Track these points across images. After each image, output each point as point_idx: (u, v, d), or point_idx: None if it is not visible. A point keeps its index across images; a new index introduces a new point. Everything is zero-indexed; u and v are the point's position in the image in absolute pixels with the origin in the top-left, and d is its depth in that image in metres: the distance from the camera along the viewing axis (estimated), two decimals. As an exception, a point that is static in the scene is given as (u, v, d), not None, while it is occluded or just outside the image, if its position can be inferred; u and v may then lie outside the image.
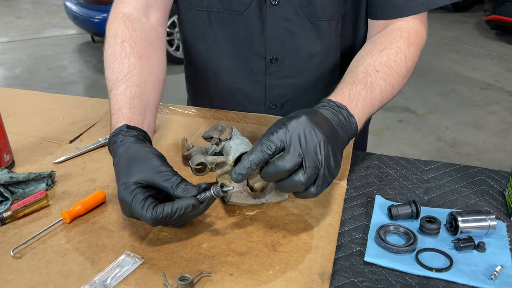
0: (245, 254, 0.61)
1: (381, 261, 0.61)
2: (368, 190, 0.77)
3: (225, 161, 0.73)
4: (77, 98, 1.10)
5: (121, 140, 0.67)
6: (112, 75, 0.77)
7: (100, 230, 0.66)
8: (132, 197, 0.59)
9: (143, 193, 0.60)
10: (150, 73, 0.79)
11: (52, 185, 0.76)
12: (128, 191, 0.60)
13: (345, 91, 0.71)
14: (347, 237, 0.66)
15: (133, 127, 0.69)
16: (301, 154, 0.58)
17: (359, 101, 0.70)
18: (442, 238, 0.65)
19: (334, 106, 0.68)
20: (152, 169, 0.61)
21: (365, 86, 0.72)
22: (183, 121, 0.99)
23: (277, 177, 0.60)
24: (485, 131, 3.23)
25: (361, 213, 0.71)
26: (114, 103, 0.73)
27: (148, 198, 0.60)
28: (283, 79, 0.97)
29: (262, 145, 0.59)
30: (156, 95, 0.80)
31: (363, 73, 0.74)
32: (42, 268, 0.60)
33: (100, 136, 0.92)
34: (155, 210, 0.58)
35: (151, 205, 0.59)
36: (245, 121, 0.98)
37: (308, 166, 0.58)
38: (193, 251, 0.62)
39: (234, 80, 1.00)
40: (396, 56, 0.77)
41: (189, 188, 0.60)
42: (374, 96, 0.73)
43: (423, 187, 0.77)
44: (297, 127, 0.60)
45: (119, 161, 0.65)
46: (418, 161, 0.84)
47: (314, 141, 0.59)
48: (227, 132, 0.78)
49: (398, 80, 0.77)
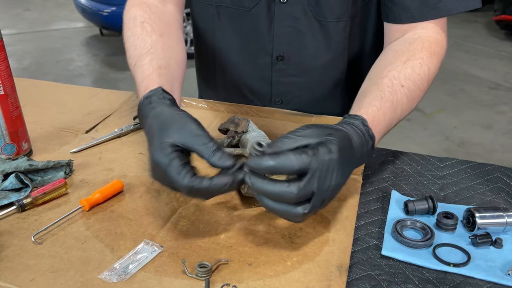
0: (262, 245, 0.62)
1: (398, 255, 0.61)
2: (384, 185, 0.77)
3: (242, 153, 0.74)
4: (92, 89, 1.11)
5: (156, 101, 0.65)
6: (135, 51, 0.76)
7: (118, 218, 0.67)
8: (168, 160, 0.56)
9: (180, 158, 0.57)
10: (173, 50, 0.79)
11: (70, 174, 0.77)
12: (164, 153, 0.57)
13: (375, 110, 0.68)
14: (363, 231, 0.66)
15: (167, 92, 0.68)
16: (315, 191, 0.55)
17: (384, 125, 0.69)
18: (458, 234, 0.65)
19: (366, 135, 0.64)
20: (189, 132, 0.59)
21: (391, 106, 0.70)
22: (197, 114, 0.99)
23: (277, 199, 0.55)
24: (493, 131, 3.22)
25: (377, 207, 0.71)
26: (141, 72, 0.72)
27: (186, 164, 0.57)
28: (289, 77, 0.97)
29: (287, 159, 0.54)
30: (180, 72, 0.79)
31: (389, 87, 0.72)
32: (62, 253, 0.60)
33: (116, 127, 0.92)
34: (193, 179, 0.56)
35: (189, 172, 0.56)
36: (259, 115, 0.99)
37: (313, 204, 0.55)
38: (211, 241, 0.63)
39: (241, 75, 1.00)
40: (420, 69, 0.75)
41: (225, 157, 0.57)
42: (395, 116, 0.72)
43: (438, 183, 0.77)
44: (326, 162, 0.55)
45: (154, 122, 0.62)
46: (433, 158, 0.84)
47: (330, 184, 0.56)
48: (243, 125, 0.78)
49: (419, 96, 0.76)
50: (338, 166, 0.57)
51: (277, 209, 0.56)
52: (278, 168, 0.54)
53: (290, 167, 0.54)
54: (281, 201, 0.56)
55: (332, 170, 0.56)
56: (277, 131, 0.92)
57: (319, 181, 0.55)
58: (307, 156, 0.54)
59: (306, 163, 0.54)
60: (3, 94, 0.75)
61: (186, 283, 0.56)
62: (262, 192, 0.56)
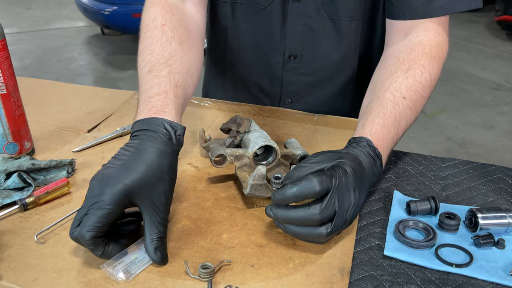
0: (265, 246, 0.62)
1: (401, 256, 0.61)
2: (386, 186, 0.77)
3: (244, 153, 0.74)
4: (93, 89, 1.11)
5: (170, 139, 0.61)
6: (152, 57, 0.71)
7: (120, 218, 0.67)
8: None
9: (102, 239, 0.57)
10: (191, 63, 0.75)
11: (72, 173, 0.77)
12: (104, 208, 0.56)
13: (378, 129, 0.69)
14: (365, 231, 0.66)
15: (179, 125, 0.64)
16: (336, 210, 0.58)
17: (389, 141, 0.70)
18: (461, 234, 0.65)
19: (373, 155, 0.67)
20: (156, 202, 0.57)
21: (394, 121, 0.71)
22: (200, 113, 0.99)
23: (301, 223, 0.58)
24: (494, 132, 3.22)
25: (379, 207, 0.71)
26: (158, 83, 0.67)
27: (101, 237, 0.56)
28: (300, 76, 0.97)
29: (309, 182, 0.57)
30: (193, 88, 0.75)
31: (391, 101, 0.72)
32: (65, 253, 0.60)
33: (118, 126, 0.92)
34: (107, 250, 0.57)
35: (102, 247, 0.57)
36: (261, 114, 0.99)
37: (336, 224, 0.58)
38: (213, 241, 0.63)
39: (251, 73, 1.00)
40: (421, 77, 0.75)
41: (161, 254, 0.57)
42: (400, 129, 0.73)
43: (440, 183, 0.77)
44: (344, 182, 0.58)
45: (129, 150, 0.60)
46: (435, 158, 0.84)
47: (350, 202, 0.59)
48: (245, 125, 0.78)
49: (422, 104, 0.76)
50: (354, 185, 0.60)
51: (300, 232, 0.59)
52: (302, 192, 0.57)
53: (313, 189, 0.57)
54: (305, 225, 0.58)
55: (350, 189, 0.59)
56: (279, 130, 0.92)
57: (339, 200, 0.58)
58: (327, 177, 0.58)
59: (327, 183, 0.57)
60: (6, 93, 0.75)
61: (189, 284, 0.56)
62: (286, 220, 0.59)
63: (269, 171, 0.76)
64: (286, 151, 0.77)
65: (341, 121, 0.95)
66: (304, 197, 0.57)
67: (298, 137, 0.90)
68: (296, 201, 0.58)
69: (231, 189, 0.74)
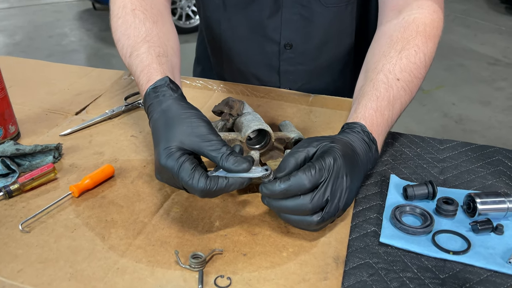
0: (257, 234, 0.60)
1: (397, 243, 0.59)
2: (382, 169, 0.75)
3: (236, 137, 0.71)
4: (82, 68, 1.07)
5: (163, 94, 0.62)
6: (129, 40, 0.71)
7: (109, 205, 0.65)
8: (179, 165, 0.54)
9: (190, 162, 0.55)
10: (168, 38, 0.75)
11: (59, 158, 0.74)
12: (174, 158, 0.55)
13: (372, 113, 0.67)
14: (361, 217, 0.65)
15: (174, 82, 0.65)
16: (328, 199, 0.56)
17: (383, 125, 0.68)
18: (459, 220, 0.64)
19: (368, 141, 0.64)
20: (199, 136, 0.56)
21: (388, 104, 0.69)
22: (191, 93, 0.96)
23: (294, 213, 0.57)
24: (491, 108, 3.20)
25: (375, 192, 0.70)
26: (140, 61, 0.68)
27: (197, 167, 0.55)
28: (297, 66, 0.94)
29: (298, 179, 0.55)
30: (177, 60, 0.76)
31: (385, 83, 0.70)
32: (51, 243, 0.58)
33: (107, 108, 0.90)
34: (209, 181, 0.54)
35: (203, 176, 0.54)
36: (255, 94, 0.96)
37: (327, 212, 0.56)
38: (205, 229, 0.61)
39: (248, 65, 0.97)
40: (415, 57, 0.72)
41: (240, 161, 0.55)
42: (394, 113, 0.70)
43: (438, 166, 0.75)
44: (335, 170, 0.56)
45: (160, 119, 0.59)
46: (433, 140, 0.82)
47: (342, 188, 0.57)
48: (238, 107, 0.75)
49: (417, 85, 0.74)
50: (346, 171, 0.58)
51: (292, 219, 0.58)
52: (291, 190, 0.55)
53: (303, 186, 0.55)
54: (299, 214, 0.57)
55: (341, 176, 0.57)
56: (273, 112, 0.90)
57: (331, 189, 0.56)
58: (316, 172, 0.55)
59: (317, 178, 0.55)
60: (-13, 76, 0.72)
61: (179, 274, 0.54)
62: (279, 210, 0.57)
63: (263, 155, 0.74)
64: (280, 134, 0.75)
65: (337, 101, 0.92)
66: (293, 193, 0.56)
67: (293, 119, 0.87)
68: (285, 197, 0.56)
69: (224, 174, 0.72)
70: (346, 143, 0.62)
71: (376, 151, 0.67)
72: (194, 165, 0.55)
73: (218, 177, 0.55)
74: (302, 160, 0.59)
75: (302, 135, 0.75)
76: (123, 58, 0.74)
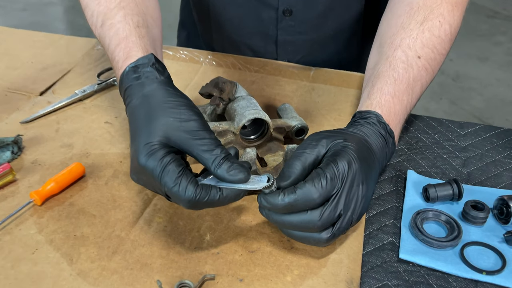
0: (256, 252, 0.51)
1: (420, 259, 0.51)
2: (397, 161, 0.65)
3: (228, 128, 0.61)
4: (48, 36, 0.93)
5: (147, 76, 0.50)
6: (100, 7, 0.59)
7: (79, 214, 0.55)
8: (162, 167, 0.44)
9: (177, 163, 0.44)
10: (147, 4, 0.62)
11: (19, 153, 0.63)
12: (156, 158, 0.44)
13: (389, 99, 0.57)
14: (375, 225, 0.56)
15: (160, 62, 0.53)
16: (341, 213, 0.46)
17: (402, 113, 0.58)
18: (489, 227, 0.55)
19: (385, 134, 0.54)
20: (189, 131, 0.46)
21: (407, 87, 0.58)
22: (174, 67, 0.84)
23: (298, 229, 0.47)
24: (489, 64, 3.09)
25: (390, 191, 0.60)
26: (115, 33, 0.56)
27: (186, 171, 0.44)
28: (297, 35, 0.81)
29: (306, 192, 0.45)
30: (159, 32, 0.63)
31: (403, 62, 0.59)
32: (8, 268, 0.48)
33: (77, 86, 0.77)
34: (199, 191, 0.44)
35: (191, 183, 0.44)
36: (248, 68, 0.84)
37: (339, 228, 0.47)
38: (193, 246, 0.51)
39: (241, 33, 0.84)
40: (440, 30, 0.61)
41: (237, 169, 0.44)
42: (414, 97, 0.60)
43: (460, 157, 0.66)
44: (349, 178, 0.47)
45: (141, 106, 0.48)
46: (452, 123, 0.72)
47: (357, 199, 0.48)
48: (229, 90, 0.64)
49: (440, 63, 0.63)
50: (363, 178, 0.48)
51: (297, 236, 0.48)
52: (297, 205, 0.45)
53: (311, 200, 0.45)
54: (305, 231, 0.47)
55: (356, 184, 0.47)
56: (270, 90, 0.78)
57: (345, 201, 0.46)
58: (327, 182, 0.45)
59: (328, 190, 0.45)
60: None
61: (163, 310, 0.45)
62: (281, 225, 0.48)
63: (259, 148, 0.63)
64: (279, 122, 0.64)
65: (342, 76, 0.81)
66: (299, 209, 0.46)
67: (292, 99, 0.76)
68: (289, 212, 0.46)
69: (214, 171, 0.62)
70: (360, 140, 0.51)
71: (393, 145, 0.57)
72: (182, 168, 0.44)
73: (211, 186, 0.45)
74: (310, 164, 0.49)
75: (304, 123, 0.65)
76: (93, 29, 0.62)
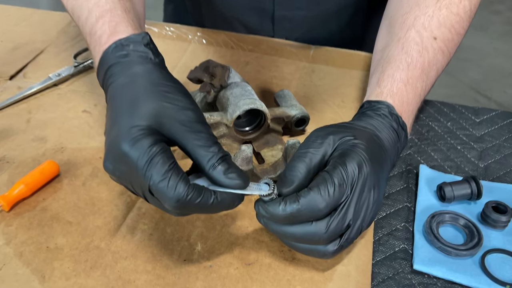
0: (253, 264, 0.45)
1: (436, 270, 0.45)
2: (407, 153, 0.59)
3: (221, 120, 0.54)
4: (20, 10, 0.84)
5: (137, 55, 0.43)
6: None
7: (52, 221, 0.48)
8: (149, 157, 0.36)
9: (167, 155, 0.37)
10: None
11: (-16, 149, 0.56)
12: (143, 145, 0.37)
13: (401, 87, 0.50)
14: (385, 228, 0.50)
15: (153, 42, 0.46)
16: (350, 223, 0.41)
17: (415, 103, 0.52)
18: (511, 231, 0.49)
19: (397, 127, 0.48)
20: (183, 122, 0.39)
21: (421, 73, 0.52)
22: (160, 46, 0.74)
23: (301, 241, 0.41)
24: (487, 34, 3.01)
25: (401, 189, 0.55)
26: (96, 4, 0.47)
27: (177, 166, 0.38)
28: (296, 11, 0.73)
29: (310, 201, 0.39)
30: (142, 9, 0.55)
31: (418, 44, 0.52)
32: (-30, 290, 0.43)
33: (51, 69, 0.69)
34: (191, 190, 0.37)
35: (182, 180, 0.37)
36: (242, 47, 0.76)
37: (347, 239, 0.41)
38: (183, 258, 0.45)
39: (233, 8, 0.76)
40: (458, 6, 0.54)
41: (235, 173, 0.38)
42: (428, 84, 0.53)
43: (476, 148, 0.60)
44: (360, 183, 0.41)
45: (130, 84, 0.41)
46: (466, 109, 0.66)
47: (368, 206, 0.42)
48: (221, 76, 0.57)
49: (457, 44, 0.57)
50: (374, 180, 0.42)
51: (300, 248, 0.42)
52: (301, 215, 0.39)
53: (317, 211, 0.39)
54: (310, 244, 0.41)
55: (367, 189, 0.41)
56: (266, 72, 0.71)
57: (354, 209, 0.40)
58: (335, 190, 0.39)
59: (336, 199, 0.39)
60: None
61: None
62: (281, 235, 0.42)
63: (255, 141, 0.57)
64: (278, 112, 0.57)
65: (345, 56, 0.74)
66: (301, 220, 0.40)
67: (291, 81, 0.69)
68: (291, 223, 0.40)
69: (205, 168, 0.55)
70: (371, 137, 0.45)
71: (406, 139, 0.51)
72: (173, 161, 0.37)
73: (205, 188, 0.38)
74: (316, 165, 0.42)
75: (305, 111, 0.58)
76: (64, 1, 0.53)
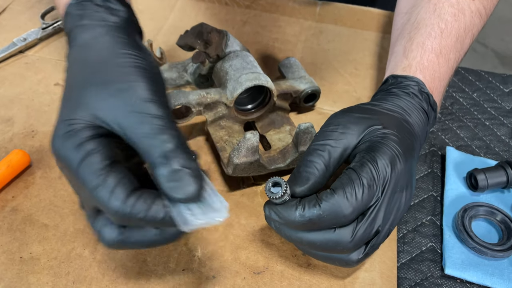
0: (263, 273, 0.39)
1: (470, 275, 0.40)
2: (430, 132, 0.52)
3: (219, 99, 0.46)
4: (-25, -42, 0.72)
5: (94, 14, 0.35)
6: None
7: (25, 225, 0.41)
8: (82, 156, 0.29)
9: (106, 153, 0.30)
10: None
11: None
12: (74, 142, 0.30)
13: (433, 59, 0.43)
14: (410, 224, 0.44)
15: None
16: (379, 229, 0.34)
17: (447, 76, 0.45)
18: (551, 225, 0.44)
19: (427, 108, 0.41)
20: (129, 103, 0.30)
21: (456, 41, 0.45)
22: (142, 2, 0.66)
23: (321, 250, 0.35)
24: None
25: (425, 174, 0.48)
26: None
27: (117, 166, 0.30)
28: None
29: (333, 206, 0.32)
30: None
31: (453, 7, 0.45)
32: None
33: (16, 33, 0.60)
34: (133, 198, 0.29)
35: (123, 184, 0.29)
36: (238, 3, 0.66)
37: (373, 245, 0.35)
38: (181, 267, 0.39)
39: None
40: None
41: (184, 175, 0.29)
42: (461, 53, 0.47)
43: (506, 124, 0.53)
44: (392, 183, 0.34)
45: (75, 63, 0.34)
46: (493, 76, 0.59)
47: (399, 208, 0.35)
48: (217, 43, 0.48)
49: (495, 3, 0.50)
50: (408, 178, 0.35)
51: (320, 256, 0.36)
52: (322, 222, 0.33)
53: (341, 217, 0.32)
54: (331, 253, 0.35)
55: (400, 190, 0.34)
56: (267, 34, 0.62)
57: (384, 214, 0.34)
58: (364, 193, 0.33)
59: (365, 203, 0.33)
60: None
61: None
62: (298, 242, 0.36)
63: (259, 120, 0.49)
64: (285, 86, 0.49)
65: (356, 14, 0.65)
66: (322, 226, 0.33)
67: (296, 45, 0.60)
68: (309, 229, 0.34)
69: (203, 153, 0.48)
70: (402, 124, 0.38)
71: (434, 120, 0.44)
72: (111, 161, 0.30)
73: (154, 198, 0.29)
74: (335, 160, 0.35)
75: (316, 85, 0.50)
76: None
